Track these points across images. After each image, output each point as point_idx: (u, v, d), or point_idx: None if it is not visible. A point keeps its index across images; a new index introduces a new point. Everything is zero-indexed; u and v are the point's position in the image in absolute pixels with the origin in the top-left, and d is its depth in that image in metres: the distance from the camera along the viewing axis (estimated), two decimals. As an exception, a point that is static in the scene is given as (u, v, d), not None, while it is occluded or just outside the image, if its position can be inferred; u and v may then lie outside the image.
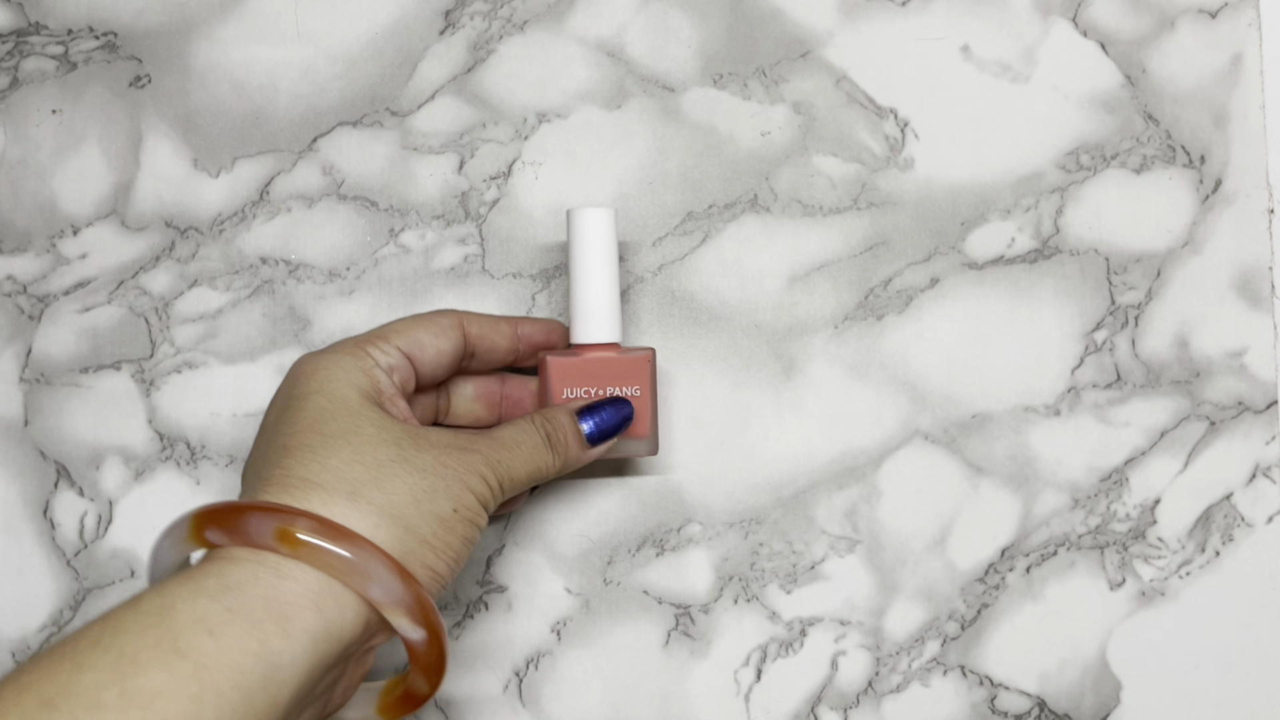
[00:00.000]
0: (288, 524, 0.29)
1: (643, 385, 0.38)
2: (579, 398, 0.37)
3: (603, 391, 0.38)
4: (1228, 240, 0.43)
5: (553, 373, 0.37)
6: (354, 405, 0.32)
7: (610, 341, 0.38)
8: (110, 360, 0.43)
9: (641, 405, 0.38)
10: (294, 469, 0.31)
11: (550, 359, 0.38)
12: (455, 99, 0.43)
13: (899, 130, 0.43)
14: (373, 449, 0.31)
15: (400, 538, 0.30)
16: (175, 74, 0.43)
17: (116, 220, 0.43)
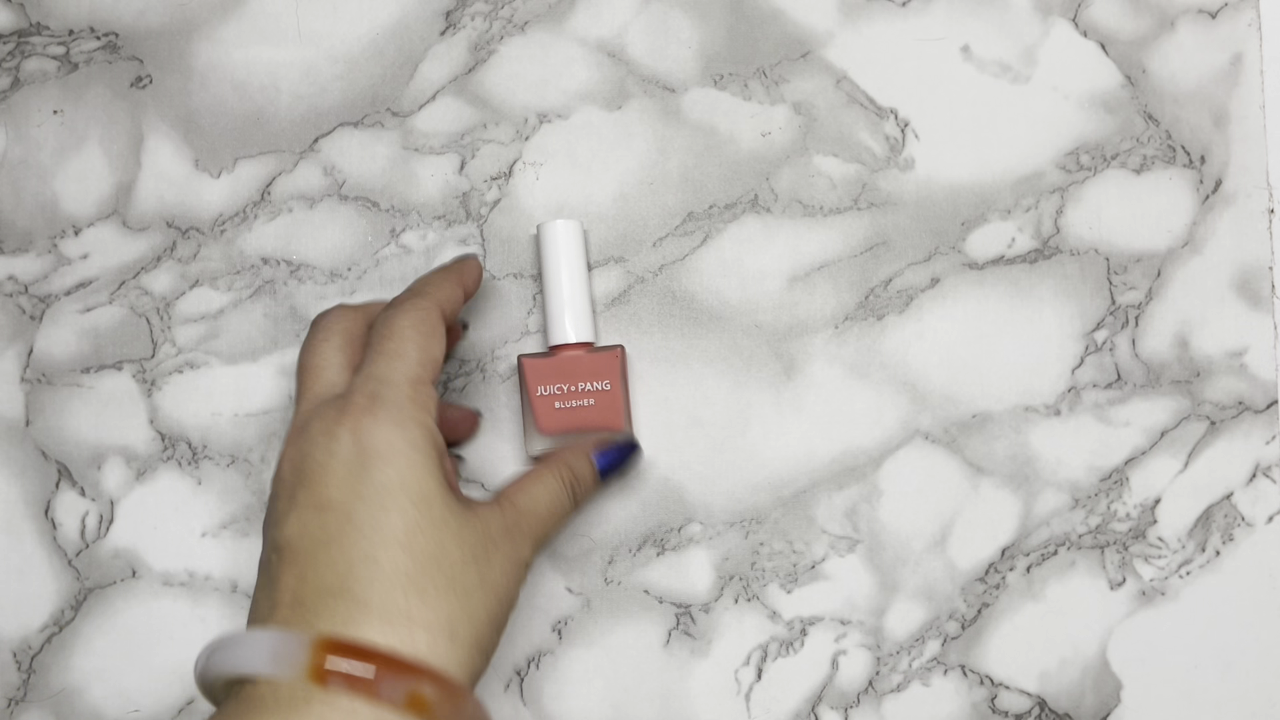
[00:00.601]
0: (417, 688, 0.27)
1: (613, 380, 0.39)
2: (596, 436, 0.39)
3: (575, 387, 0.39)
4: (1228, 240, 0.42)
5: (528, 372, 0.39)
6: (437, 512, 0.30)
7: (582, 341, 0.40)
8: (112, 360, 0.42)
9: (613, 399, 0.39)
10: (395, 599, 0.29)
11: (525, 360, 0.40)
12: (456, 99, 0.43)
13: (899, 130, 0.43)
14: (461, 572, 0.30)
15: (480, 667, 0.31)
16: (176, 74, 0.43)
17: (118, 220, 0.43)
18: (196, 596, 0.42)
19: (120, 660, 0.42)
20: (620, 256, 0.43)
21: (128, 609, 0.42)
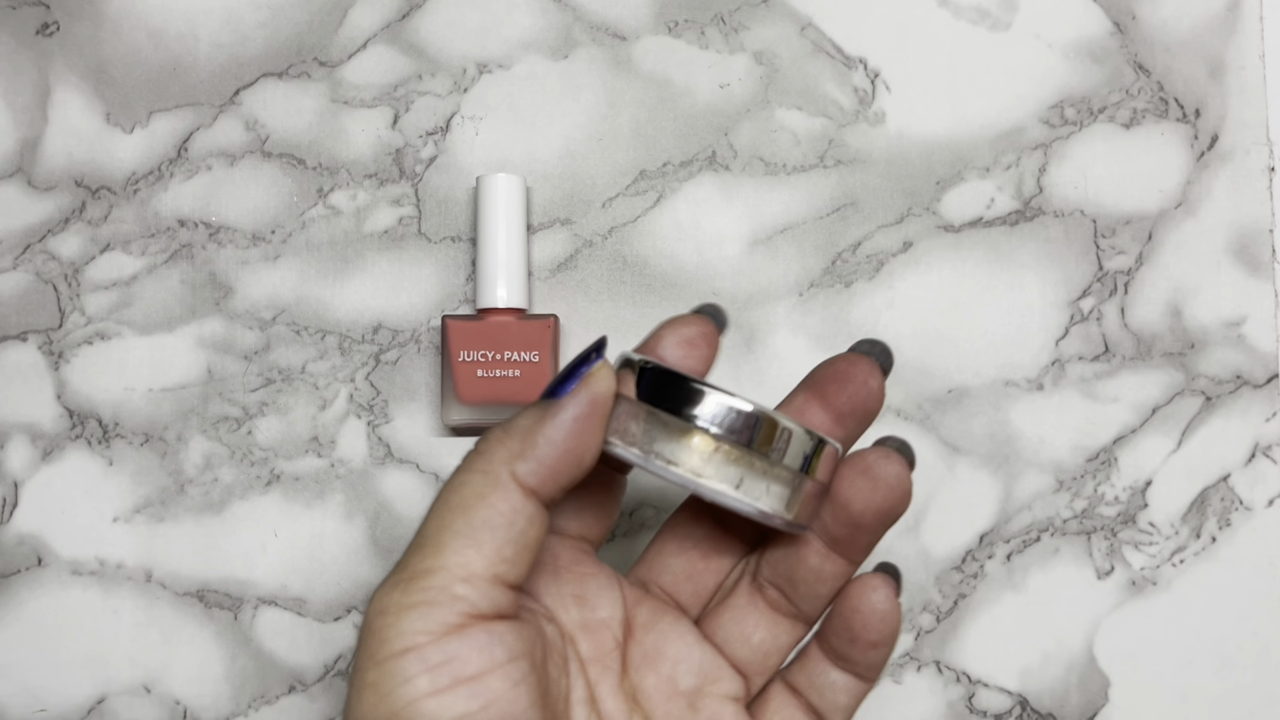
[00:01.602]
0: None
1: (543, 352, 0.37)
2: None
3: (501, 356, 0.37)
4: (1224, 201, 0.40)
5: (451, 335, 0.38)
6: None
7: (513, 307, 0.38)
8: (15, 331, 0.40)
9: (541, 373, 0.37)
10: None
11: (449, 321, 0.38)
12: (389, 48, 0.40)
13: (869, 82, 0.40)
14: None
15: None
16: (86, 21, 0.41)
17: (22, 179, 0.40)
18: (108, 586, 0.39)
19: (26, 655, 0.40)
20: (566, 218, 0.40)
21: (34, 600, 0.40)
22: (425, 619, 0.23)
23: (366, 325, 0.40)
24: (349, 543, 0.39)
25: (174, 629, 0.39)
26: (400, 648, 0.23)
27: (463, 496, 0.24)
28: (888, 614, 0.28)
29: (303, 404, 0.40)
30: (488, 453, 0.25)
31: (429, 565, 0.24)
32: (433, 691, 0.22)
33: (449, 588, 0.23)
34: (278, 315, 0.40)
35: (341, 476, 0.39)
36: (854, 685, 0.28)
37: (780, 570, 0.28)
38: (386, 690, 0.23)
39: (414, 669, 0.23)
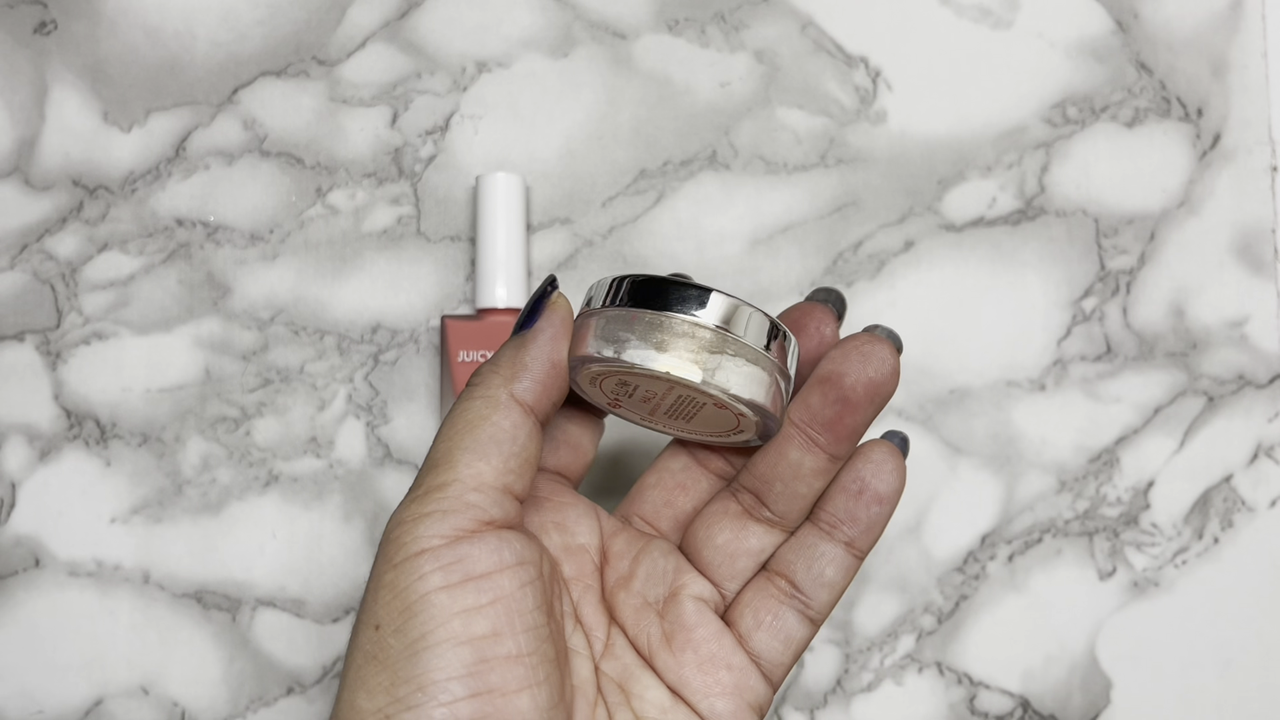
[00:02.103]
0: None
1: None
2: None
3: None
4: (1227, 200, 0.40)
5: (450, 335, 0.37)
6: None
7: (512, 307, 0.38)
8: (13, 331, 0.40)
9: None
10: None
11: (449, 321, 0.38)
12: (388, 46, 0.40)
13: (870, 80, 0.40)
14: None
15: None
16: (83, 19, 0.40)
17: (19, 179, 0.40)
18: (105, 588, 0.39)
19: (22, 657, 0.39)
20: (566, 217, 0.40)
21: (30, 601, 0.39)
22: (440, 524, 0.25)
23: (365, 325, 0.39)
24: (347, 544, 0.39)
25: (172, 630, 0.39)
26: (416, 550, 0.24)
27: (468, 419, 0.26)
28: (897, 466, 0.28)
29: (301, 404, 0.39)
30: (484, 381, 0.27)
31: (443, 479, 0.25)
32: (444, 586, 0.24)
33: (462, 496, 0.25)
34: (276, 315, 0.40)
35: (340, 477, 0.39)
36: (843, 558, 0.28)
37: (757, 472, 0.29)
38: (402, 587, 0.24)
39: (428, 566, 0.24)
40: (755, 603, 0.29)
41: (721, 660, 0.28)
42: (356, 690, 0.24)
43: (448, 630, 0.24)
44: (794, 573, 0.29)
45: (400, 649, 0.24)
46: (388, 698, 0.24)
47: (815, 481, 0.28)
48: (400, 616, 0.24)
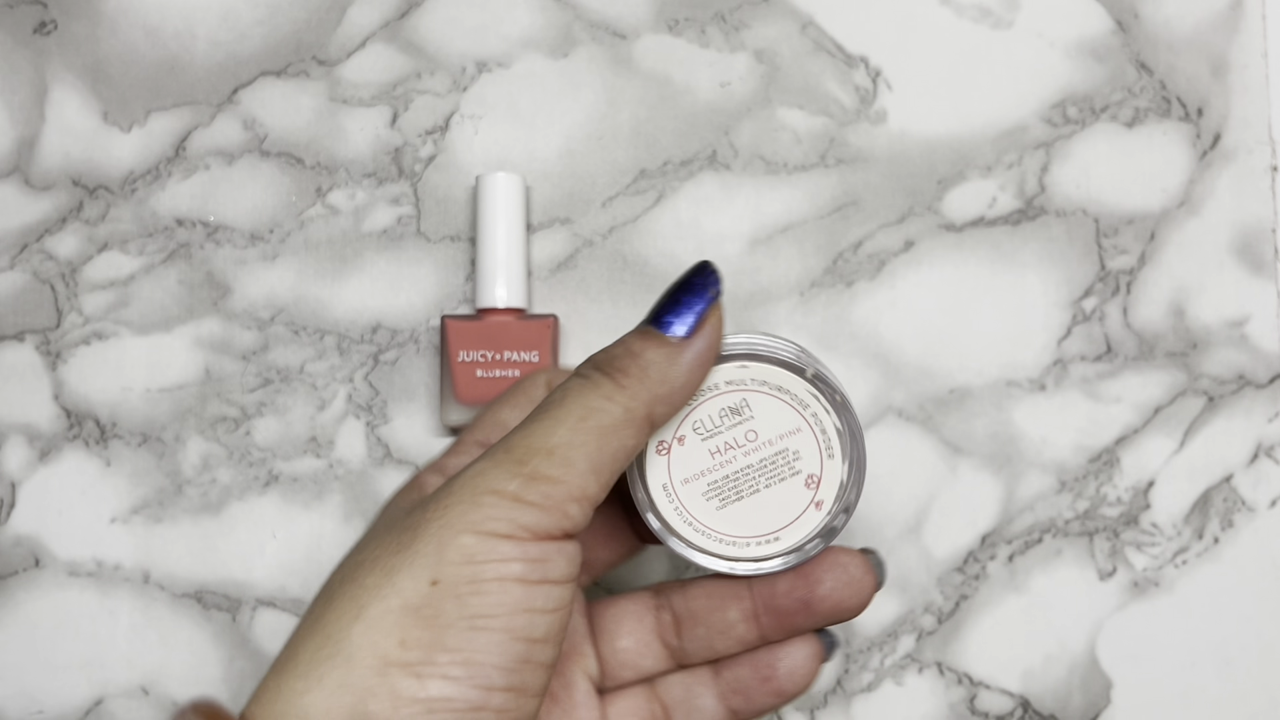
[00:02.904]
0: None
1: (542, 352, 0.37)
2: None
3: (500, 356, 0.37)
4: (1227, 200, 0.40)
5: (450, 335, 0.37)
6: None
7: (513, 307, 0.38)
8: (13, 331, 0.40)
9: None
10: None
11: (449, 321, 0.37)
12: (388, 46, 0.40)
13: (870, 80, 0.40)
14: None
15: None
16: (83, 19, 0.40)
17: (19, 179, 0.40)
18: (105, 588, 0.39)
19: (22, 657, 0.39)
20: (566, 217, 0.40)
21: (30, 601, 0.39)
22: (536, 519, 0.24)
23: (365, 325, 0.39)
24: (347, 544, 0.39)
25: (172, 630, 0.39)
26: (506, 533, 0.24)
27: (601, 424, 0.25)
28: (810, 673, 0.29)
29: (301, 404, 0.39)
30: (631, 389, 0.25)
31: (555, 475, 0.24)
32: (523, 579, 0.24)
33: (564, 505, 0.24)
34: (276, 315, 0.40)
35: (340, 477, 0.39)
36: (722, 718, 0.29)
37: (690, 606, 0.29)
38: (480, 560, 0.24)
39: (514, 554, 0.24)
40: (630, 711, 0.30)
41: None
42: (387, 635, 0.23)
43: (513, 622, 0.24)
44: (672, 708, 0.30)
45: (455, 617, 0.23)
46: (423, 657, 0.23)
47: (735, 646, 0.29)
48: (468, 587, 0.23)
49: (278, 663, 0.24)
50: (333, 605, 0.24)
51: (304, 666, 0.23)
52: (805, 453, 0.28)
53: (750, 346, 0.28)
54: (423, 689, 0.23)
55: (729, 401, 0.28)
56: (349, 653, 0.23)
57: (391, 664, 0.23)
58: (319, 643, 0.24)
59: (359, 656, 0.23)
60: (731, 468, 0.28)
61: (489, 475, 0.25)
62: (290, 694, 0.23)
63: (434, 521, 0.24)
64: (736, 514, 0.28)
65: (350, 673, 0.23)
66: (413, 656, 0.23)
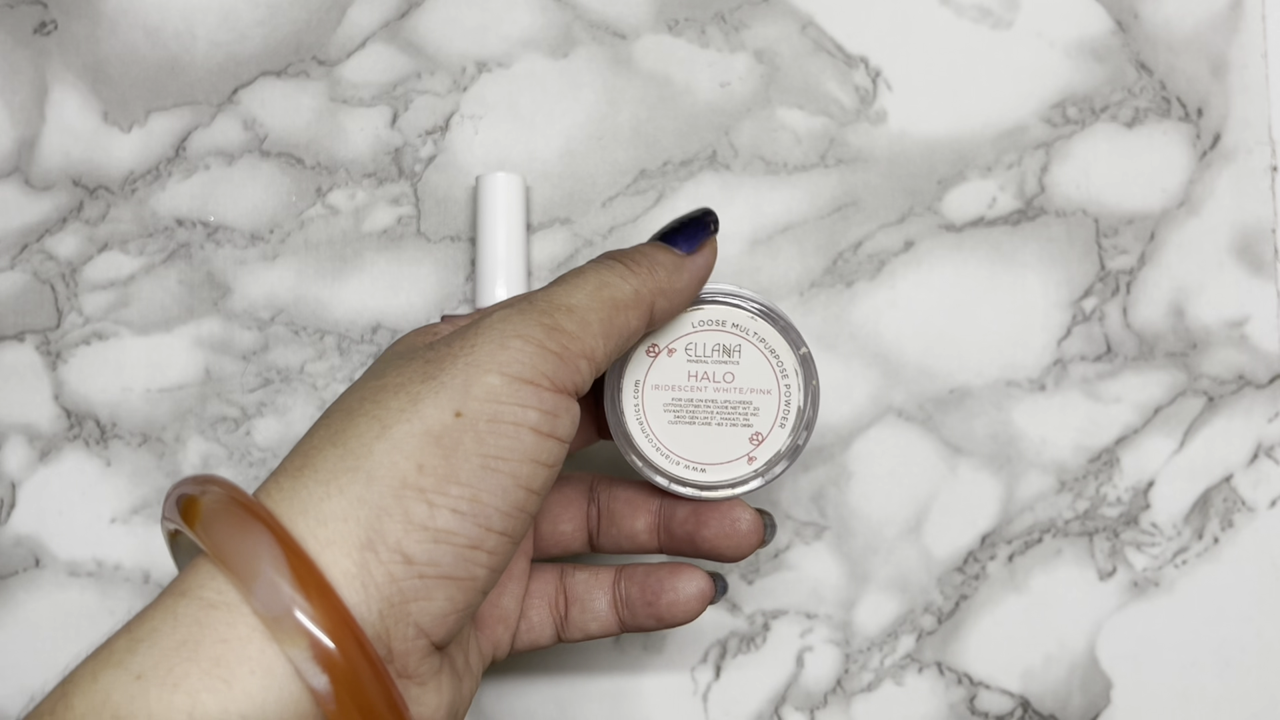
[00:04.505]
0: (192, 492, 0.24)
1: None
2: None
3: None
4: (1227, 200, 0.40)
5: None
6: None
7: None
8: (13, 331, 0.40)
9: None
10: None
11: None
12: (388, 47, 0.40)
13: (870, 81, 0.40)
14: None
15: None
16: (83, 19, 0.40)
17: (19, 179, 0.40)
18: (106, 588, 0.39)
19: (23, 657, 0.39)
20: (566, 217, 0.40)
21: (30, 601, 0.39)
22: (555, 369, 0.25)
23: (365, 325, 0.39)
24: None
25: (172, 630, 0.39)
26: (529, 377, 0.25)
27: (614, 295, 0.27)
28: (689, 611, 0.31)
29: (301, 404, 0.39)
30: (645, 274, 0.28)
31: (574, 330, 0.26)
32: (536, 429, 0.25)
33: (577, 360, 0.26)
34: (276, 315, 0.40)
35: (340, 477, 0.39)
36: (610, 626, 0.32)
37: (613, 505, 0.32)
38: (504, 400, 0.24)
39: (533, 401, 0.25)
40: (539, 590, 0.32)
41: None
42: (408, 457, 0.24)
43: (520, 469, 0.24)
44: (571, 601, 0.32)
45: (472, 452, 0.24)
46: (437, 486, 0.24)
47: (638, 551, 0.32)
48: (488, 425, 0.24)
49: (291, 467, 0.24)
50: (355, 422, 0.25)
51: (325, 474, 0.24)
52: (764, 413, 0.31)
53: (766, 307, 0.31)
54: (432, 518, 0.23)
55: (727, 341, 0.31)
56: (370, 469, 0.23)
57: (408, 486, 0.23)
58: (340, 454, 0.24)
59: (380, 474, 0.23)
60: (699, 395, 0.31)
61: (515, 321, 0.26)
62: (310, 498, 0.23)
63: (460, 358, 0.25)
64: (681, 435, 0.31)
65: (370, 488, 0.23)
66: (428, 483, 0.23)
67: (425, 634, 0.24)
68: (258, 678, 0.21)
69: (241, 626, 0.22)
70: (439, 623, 0.24)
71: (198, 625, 0.22)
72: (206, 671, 0.21)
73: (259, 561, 0.22)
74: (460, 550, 0.24)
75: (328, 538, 0.23)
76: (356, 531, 0.23)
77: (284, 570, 0.22)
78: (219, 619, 0.22)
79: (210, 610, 0.22)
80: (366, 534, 0.23)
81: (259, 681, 0.21)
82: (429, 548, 0.23)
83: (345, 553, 0.23)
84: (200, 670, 0.21)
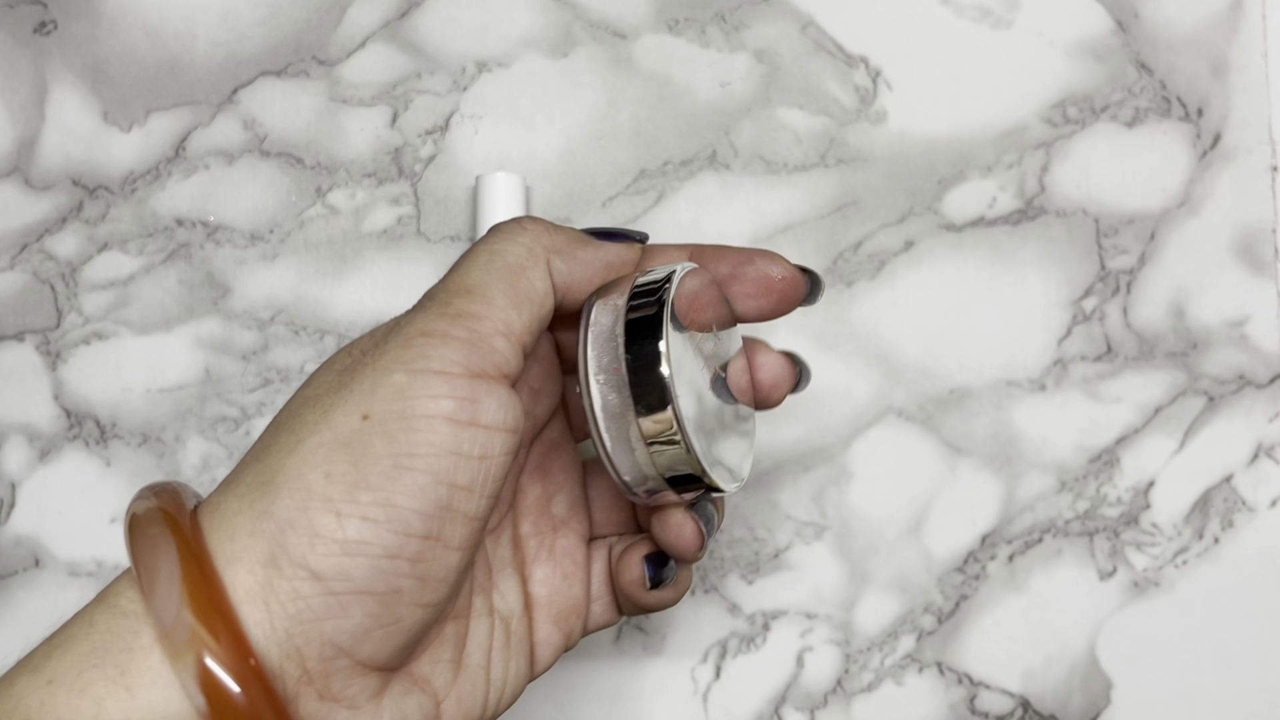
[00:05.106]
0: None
1: None
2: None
3: None
4: (1227, 200, 0.40)
5: None
6: None
7: None
8: (13, 331, 0.40)
9: None
10: None
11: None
12: (388, 46, 0.40)
13: (870, 80, 0.40)
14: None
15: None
16: (83, 19, 0.40)
17: (19, 179, 0.40)
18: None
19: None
20: (566, 217, 0.40)
21: (30, 601, 0.39)
22: (466, 354, 0.24)
23: (365, 325, 0.39)
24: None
25: (172, 631, 0.39)
26: (437, 368, 0.24)
27: (507, 261, 0.26)
28: (635, 591, 0.29)
29: (301, 404, 0.39)
30: (532, 231, 0.26)
31: (476, 310, 0.24)
32: (452, 418, 0.23)
33: (490, 338, 0.24)
34: (276, 315, 0.40)
35: (340, 477, 0.39)
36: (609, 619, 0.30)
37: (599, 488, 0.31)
38: (410, 395, 0.23)
39: (443, 390, 0.23)
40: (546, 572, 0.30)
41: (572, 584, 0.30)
42: (315, 468, 0.23)
43: (437, 464, 0.23)
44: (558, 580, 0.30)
45: (383, 454, 0.23)
46: (346, 494, 0.23)
47: (621, 529, 0.31)
48: (397, 423, 0.23)
49: (224, 481, 0.25)
50: (276, 437, 0.24)
51: (242, 488, 0.24)
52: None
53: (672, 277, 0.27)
54: (341, 529, 0.22)
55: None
56: (279, 482, 0.23)
57: (314, 497, 0.23)
58: (258, 469, 0.24)
59: (287, 487, 0.23)
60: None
61: (416, 320, 0.25)
62: (226, 512, 0.23)
63: (369, 365, 0.24)
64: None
65: (275, 501, 0.23)
66: (336, 492, 0.23)
67: (346, 653, 0.23)
68: (158, 689, 0.21)
69: (146, 637, 0.22)
70: (361, 641, 0.23)
71: (109, 634, 0.22)
72: (112, 679, 0.21)
73: (159, 574, 0.22)
74: (375, 561, 0.22)
75: (234, 553, 0.23)
76: (261, 547, 0.22)
77: (177, 584, 0.22)
78: (128, 628, 0.22)
79: (122, 619, 0.22)
80: (270, 550, 0.22)
81: (160, 693, 0.21)
82: (338, 561, 0.22)
83: (249, 570, 0.22)
84: (106, 678, 0.21)
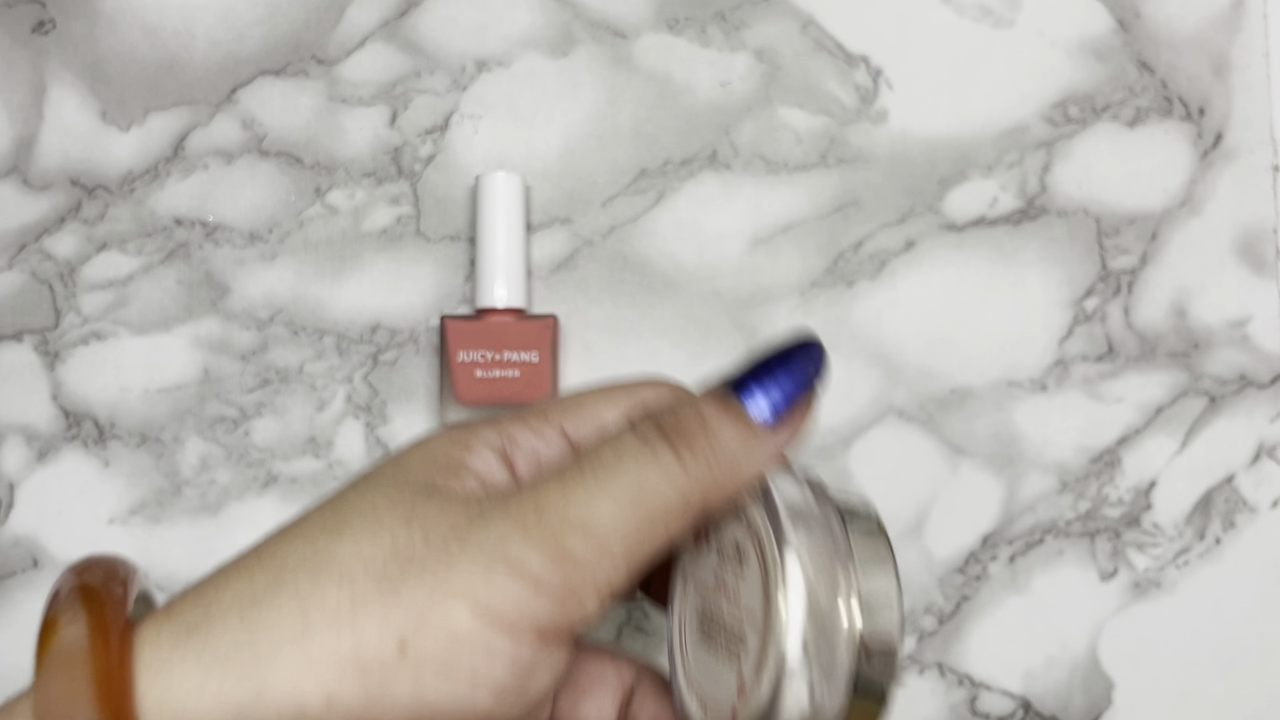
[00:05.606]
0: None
1: (542, 352, 0.37)
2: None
3: (500, 356, 0.36)
4: (1229, 200, 0.40)
5: (450, 335, 0.37)
6: None
7: (512, 307, 0.38)
8: (11, 331, 0.40)
9: (540, 373, 0.37)
10: None
11: (448, 321, 0.37)
12: (387, 46, 0.40)
13: (871, 80, 0.40)
14: None
15: None
16: (82, 19, 0.40)
17: (18, 178, 0.40)
18: (104, 589, 0.39)
19: (20, 658, 0.39)
20: (566, 217, 0.40)
21: (29, 602, 0.39)
22: (548, 613, 0.20)
23: (364, 325, 0.39)
24: (347, 544, 0.39)
25: (170, 631, 0.39)
26: (512, 619, 0.20)
27: (651, 507, 0.21)
28: None
29: (300, 405, 0.39)
30: (695, 472, 0.21)
31: (587, 558, 0.20)
32: (500, 687, 0.20)
33: (583, 595, 0.20)
34: (275, 315, 0.39)
35: (339, 478, 0.39)
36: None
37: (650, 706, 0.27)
38: (469, 646, 0.19)
39: (505, 651, 0.20)
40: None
41: None
42: (318, 684, 0.19)
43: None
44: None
45: (404, 699, 0.19)
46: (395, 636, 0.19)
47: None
48: (435, 672, 0.19)
49: (186, 617, 0.20)
50: (278, 599, 0.19)
51: (211, 658, 0.19)
52: (750, 652, 0.22)
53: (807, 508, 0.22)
54: None
55: (740, 537, 0.22)
56: (267, 682, 0.19)
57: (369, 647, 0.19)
58: (243, 639, 0.19)
59: (275, 694, 0.19)
60: (714, 607, 0.23)
61: (512, 541, 0.20)
62: (181, 681, 0.19)
63: (430, 570, 0.19)
64: (701, 656, 0.23)
65: (256, 707, 0.19)
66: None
67: None
68: None
69: None
70: None
71: None
72: None
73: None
74: None
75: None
76: None
77: None
78: None
79: None
80: None
81: None
82: None
83: None
84: None
